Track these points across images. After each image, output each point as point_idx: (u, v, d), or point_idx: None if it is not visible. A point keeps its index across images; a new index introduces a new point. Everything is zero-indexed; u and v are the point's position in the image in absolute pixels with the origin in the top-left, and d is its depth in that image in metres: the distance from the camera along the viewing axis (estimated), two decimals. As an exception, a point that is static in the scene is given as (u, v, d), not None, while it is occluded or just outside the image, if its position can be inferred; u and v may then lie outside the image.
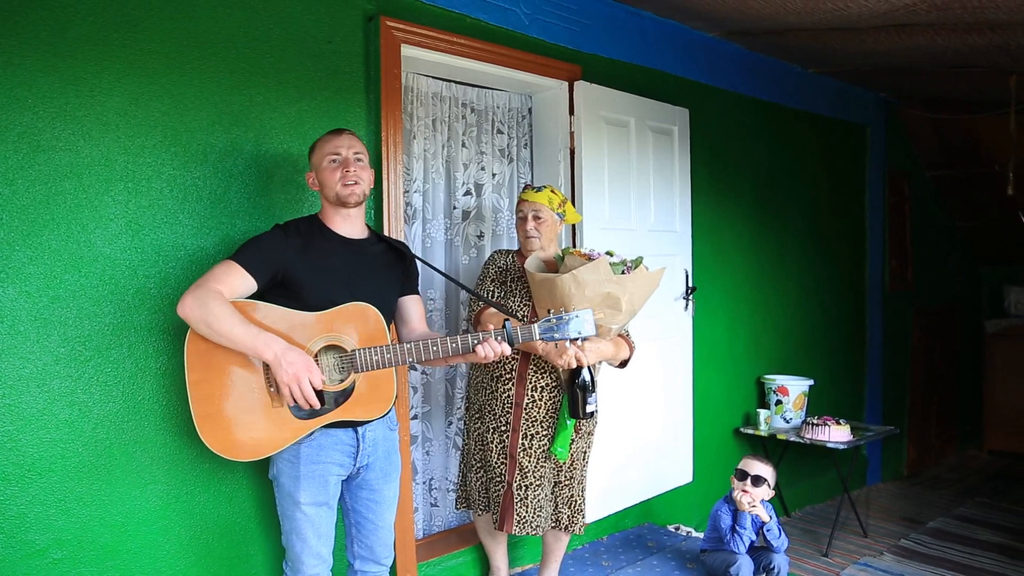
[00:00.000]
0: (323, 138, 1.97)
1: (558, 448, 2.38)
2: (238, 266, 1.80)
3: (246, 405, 1.80)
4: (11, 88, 1.81)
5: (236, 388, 1.80)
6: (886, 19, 3.03)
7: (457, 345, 1.86)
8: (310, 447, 1.88)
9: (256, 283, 1.82)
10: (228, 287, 1.77)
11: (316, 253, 1.89)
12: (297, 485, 1.88)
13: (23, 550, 1.83)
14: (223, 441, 1.80)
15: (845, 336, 4.67)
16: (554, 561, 2.66)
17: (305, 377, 1.73)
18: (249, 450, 1.82)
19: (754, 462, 2.83)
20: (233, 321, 1.72)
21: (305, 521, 1.90)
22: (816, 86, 4.34)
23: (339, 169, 1.91)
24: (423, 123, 2.89)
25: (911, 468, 5.27)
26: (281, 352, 1.72)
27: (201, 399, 1.78)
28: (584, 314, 1.89)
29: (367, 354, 1.82)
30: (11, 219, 1.82)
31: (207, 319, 1.71)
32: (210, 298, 1.72)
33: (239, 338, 1.72)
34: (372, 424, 1.96)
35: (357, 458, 1.95)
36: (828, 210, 4.51)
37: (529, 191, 2.47)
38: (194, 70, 2.09)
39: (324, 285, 1.87)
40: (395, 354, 1.83)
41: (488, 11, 2.76)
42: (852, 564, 3.51)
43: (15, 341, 1.82)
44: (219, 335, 1.72)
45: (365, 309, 1.87)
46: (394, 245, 2.08)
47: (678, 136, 3.42)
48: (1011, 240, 5.75)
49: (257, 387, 1.81)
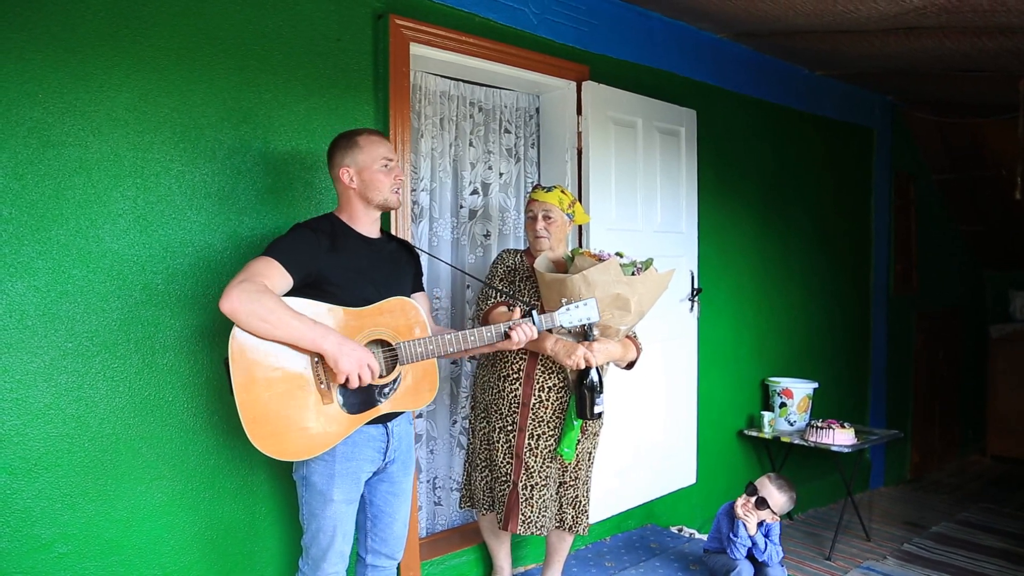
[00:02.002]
0: (370, 138, 1.94)
1: (565, 449, 2.37)
2: (278, 263, 1.75)
3: (297, 404, 1.76)
4: (22, 83, 1.81)
5: (285, 387, 1.75)
6: (895, 22, 3.02)
7: (492, 334, 1.97)
8: (346, 444, 1.87)
9: (292, 282, 1.78)
10: (271, 283, 1.72)
11: (344, 253, 1.89)
12: (332, 483, 1.87)
13: (29, 544, 1.83)
14: (276, 444, 1.73)
15: (849, 339, 4.66)
16: (557, 561, 2.66)
17: (366, 363, 1.75)
18: (303, 449, 1.77)
19: (770, 486, 2.77)
20: (289, 314, 1.69)
21: (335, 519, 1.90)
22: (823, 89, 4.34)
23: (391, 175, 1.93)
24: (431, 122, 2.89)
25: (914, 472, 5.26)
26: (339, 342, 1.72)
27: (249, 403, 1.71)
28: (589, 301, 2.07)
29: (411, 347, 1.87)
30: (20, 214, 1.82)
31: (260, 312, 1.65)
32: (260, 291, 1.67)
33: (296, 330, 1.69)
34: (399, 419, 1.99)
35: (387, 453, 1.97)
36: (833, 213, 4.50)
37: (539, 191, 2.47)
38: (203, 67, 2.09)
39: (356, 284, 1.88)
40: (438, 345, 1.89)
41: (497, 10, 2.75)
42: (855, 568, 3.50)
43: (23, 335, 1.82)
44: (275, 327, 1.67)
45: (404, 303, 1.92)
46: (403, 244, 2.12)
47: (685, 137, 3.41)
48: (1016, 245, 5.74)
49: (308, 384, 1.77)
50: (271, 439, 1.73)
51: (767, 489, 2.76)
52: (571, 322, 2.06)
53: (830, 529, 3.87)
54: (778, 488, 2.77)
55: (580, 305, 2.07)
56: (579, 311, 2.06)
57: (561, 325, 2.06)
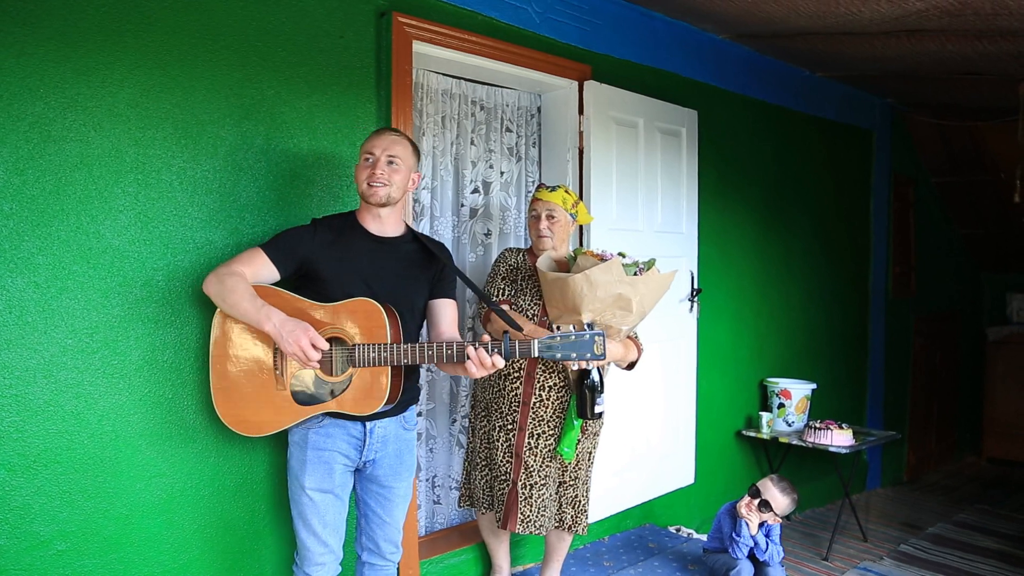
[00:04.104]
0: (372, 134, 2.01)
1: (565, 448, 2.37)
2: (263, 253, 1.89)
3: (255, 384, 1.90)
4: (23, 77, 1.80)
5: (249, 367, 1.91)
6: (897, 24, 3.02)
7: (452, 352, 1.83)
8: (318, 433, 1.91)
9: (279, 272, 1.90)
10: (251, 271, 1.86)
11: (342, 249, 1.93)
12: (304, 469, 1.92)
13: (27, 541, 1.82)
14: (233, 415, 1.92)
15: (848, 341, 4.66)
16: (556, 561, 2.66)
17: (306, 340, 1.76)
18: (254, 427, 1.92)
19: (773, 489, 2.77)
20: (243, 296, 1.81)
21: (310, 507, 1.92)
22: (823, 90, 4.34)
23: (368, 169, 1.94)
24: (432, 120, 2.88)
25: (911, 474, 5.27)
26: (280, 323, 1.79)
27: (218, 373, 1.91)
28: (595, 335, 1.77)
29: (366, 350, 1.83)
30: (21, 209, 1.81)
31: (222, 293, 1.83)
32: (228, 275, 1.84)
33: (245, 311, 1.81)
34: (383, 421, 1.97)
35: (363, 451, 1.96)
36: (833, 214, 4.51)
37: (543, 190, 2.47)
38: (206, 63, 2.08)
39: (344, 280, 1.90)
40: (392, 353, 1.82)
41: (500, 9, 2.75)
42: (852, 568, 3.51)
43: (23, 331, 1.81)
44: (230, 307, 1.83)
45: (368, 305, 1.86)
46: (428, 247, 2.05)
47: (686, 137, 3.41)
48: (1014, 248, 5.75)
49: (266, 369, 1.90)
50: (230, 409, 1.92)
51: (770, 492, 2.76)
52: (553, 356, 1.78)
53: (827, 529, 3.88)
54: (781, 491, 2.78)
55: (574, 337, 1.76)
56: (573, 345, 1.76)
57: (540, 357, 1.79)
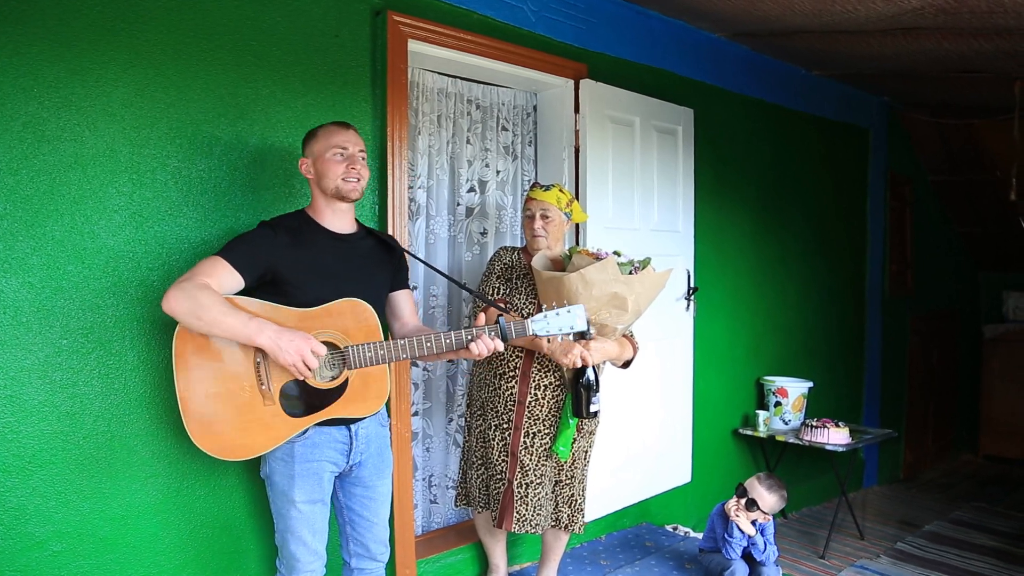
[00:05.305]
0: (328, 128, 1.93)
1: (560, 447, 2.37)
2: (225, 262, 1.75)
3: (237, 405, 1.76)
4: (16, 77, 1.80)
5: (228, 388, 1.75)
6: (893, 22, 3.02)
7: (451, 341, 1.83)
8: (304, 445, 1.85)
9: (244, 281, 1.77)
10: (215, 282, 1.71)
11: (305, 251, 1.85)
12: (292, 484, 1.85)
13: (22, 542, 1.82)
14: (217, 443, 1.76)
15: (845, 339, 4.67)
16: (553, 560, 2.66)
17: (307, 350, 1.69)
18: (244, 449, 1.78)
19: (759, 487, 2.76)
20: (224, 309, 1.67)
21: (301, 519, 1.88)
22: (820, 89, 4.34)
23: (344, 163, 1.88)
24: (428, 119, 2.88)
25: (907, 472, 5.28)
26: (276, 335, 1.68)
27: (191, 400, 1.74)
28: (575, 309, 1.87)
29: (360, 351, 1.79)
30: (15, 209, 1.80)
31: (196, 310, 1.65)
32: (197, 289, 1.67)
33: (231, 326, 1.67)
34: (365, 421, 1.95)
35: (350, 455, 1.93)
36: (830, 213, 4.51)
37: (537, 189, 2.46)
38: (200, 62, 2.08)
39: (313, 283, 1.83)
40: (388, 351, 1.80)
41: (495, 8, 2.74)
42: (849, 566, 3.52)
43: (17, 332, 1.81)
44: (209, 325, 1.67)
45: (357, 305, 1.83)
46: (383, 239, 2.04)
47: (682, 136, 3.41)
48: (1011, 246, 5.76)
49: (248, 386, 1.76)
50: (214, 440, 1.75)
51: (756, 490, 2.76)
52: (547, 331, 1.86)
53: (824, 528, 3.88)
54: (767, 488, 2.77)
55: (561, 312, 1.86)
56: (559, 320, 1.86)
57: (535, 334, 1.88)
